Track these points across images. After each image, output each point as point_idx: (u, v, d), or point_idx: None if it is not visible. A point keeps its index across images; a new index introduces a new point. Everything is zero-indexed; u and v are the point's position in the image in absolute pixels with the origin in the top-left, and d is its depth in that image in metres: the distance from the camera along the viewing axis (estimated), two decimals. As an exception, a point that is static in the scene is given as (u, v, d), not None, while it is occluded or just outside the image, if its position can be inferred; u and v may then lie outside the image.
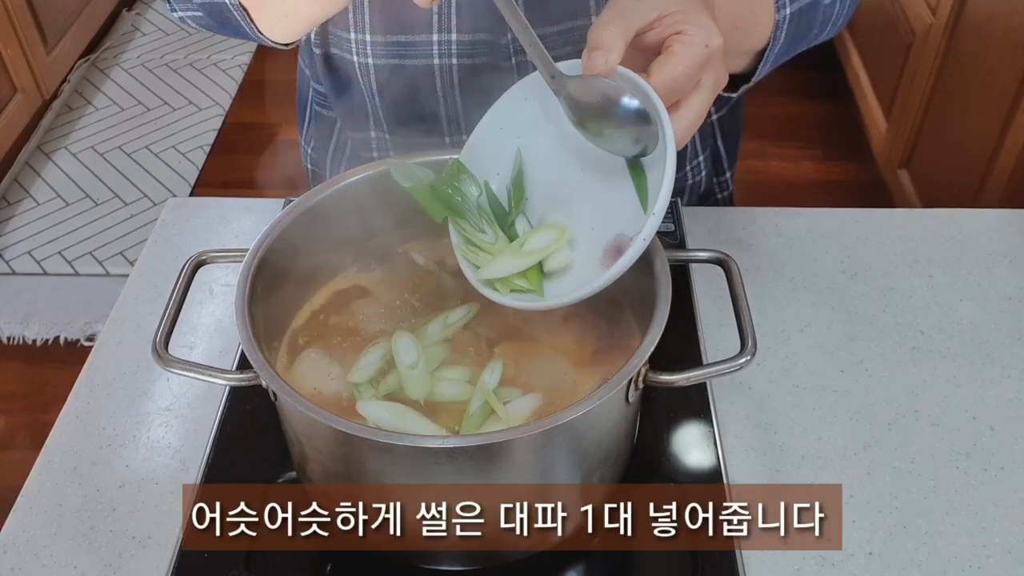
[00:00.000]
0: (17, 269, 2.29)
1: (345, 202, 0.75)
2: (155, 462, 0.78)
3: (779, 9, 0.79)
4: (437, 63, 0.89)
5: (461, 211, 0.70)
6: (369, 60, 0.90)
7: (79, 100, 2.81)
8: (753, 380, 0.83)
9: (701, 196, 1.08)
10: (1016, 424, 0.80)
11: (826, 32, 0.87)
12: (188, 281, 0.70)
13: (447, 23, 0.87)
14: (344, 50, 0.91)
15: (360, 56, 0.90)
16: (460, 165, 0.70)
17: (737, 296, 0.69)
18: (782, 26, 0.80)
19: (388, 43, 0.89)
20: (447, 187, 0.70)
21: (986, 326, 0.88)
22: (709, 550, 0.71)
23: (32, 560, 0.71)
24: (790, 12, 0.80)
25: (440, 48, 0.88)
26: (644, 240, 0.60)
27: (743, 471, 0.76)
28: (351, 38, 0.89)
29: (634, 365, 0.60)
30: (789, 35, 0.81)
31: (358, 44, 0.89)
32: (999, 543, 0.72)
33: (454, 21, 0.87)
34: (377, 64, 0.90)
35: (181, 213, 1.02)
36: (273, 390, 0.61)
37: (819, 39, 0.87)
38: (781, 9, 0.79)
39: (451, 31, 0.87)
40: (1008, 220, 1.00)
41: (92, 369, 0.86)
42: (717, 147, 1.07)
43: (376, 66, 0.90)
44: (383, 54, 0.89)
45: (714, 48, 0.63)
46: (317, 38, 0.94)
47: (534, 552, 0.68)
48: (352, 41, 0.89)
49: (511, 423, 0.66)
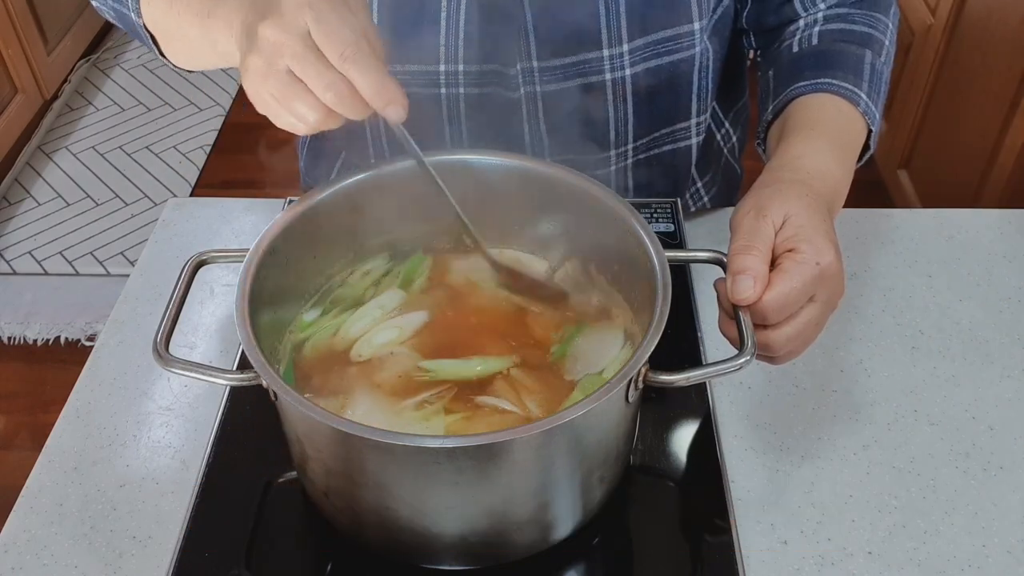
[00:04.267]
0: (18, 269, 2.29)
1: (345, 202, 0.75)
2: (155, 462, 0.78)
3: (870, 123, 0.82)
4: (444, 92, 0.89)
5: None
6: None
7: (80, 100, 2.82)
8: (753, 380, 0.83)
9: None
10: (1015, 424, 0.80)
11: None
12: (188, 281, 0.70)
13: (454, 54, 0.86)
14: None
15: None
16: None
17: (737, 296, 0.69)
18: (875, 135, 0.83)
19: (396, 72, 0.88)
20: None
21: (985, 326, 0.89)
22: (709, 550, 0.71)
23: (32, 560, 0.71)
24: (878, 115, 0.84)
25: (447, 78, 0.88)
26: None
27: (743, 471, 0.77)
28: None
29: (634, 365, 0.60)
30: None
31: None
32: (998, 543, 0.72)
33: (461, 52, 0.86)
34: None
35: (182, 213, 1.03)
36: (273, 390, 0.61)
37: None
38: (871, 124, 0.82)
39: (458, 61, 0.87)
40: (1008, 220, 1.00)
41: (93, 369, 0.86)
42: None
43: None
44: None
45: (825, 264, 0.65)
46: None
47: (534, 552, 0.68)
48: None
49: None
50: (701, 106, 0.94)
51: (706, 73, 0.92)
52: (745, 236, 0.67)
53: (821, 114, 0.81)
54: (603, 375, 0.70)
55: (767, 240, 0.66)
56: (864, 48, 0.86)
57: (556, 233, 0.78)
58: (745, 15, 0.94)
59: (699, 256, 0.73)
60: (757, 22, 0.94)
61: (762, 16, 0.93)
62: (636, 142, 0.95)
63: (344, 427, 0.58)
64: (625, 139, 0.94)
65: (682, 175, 1.01)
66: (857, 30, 0.87)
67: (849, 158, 0.79)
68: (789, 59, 0.88)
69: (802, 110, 0.81)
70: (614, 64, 0.87)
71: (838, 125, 0.80)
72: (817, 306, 0.67)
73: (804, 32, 0.89)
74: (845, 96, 0.81)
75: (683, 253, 0.75)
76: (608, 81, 0.88)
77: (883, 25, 0.89)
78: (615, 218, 0.72)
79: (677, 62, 0.89)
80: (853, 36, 0.87)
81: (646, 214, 0.96)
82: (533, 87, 0.89)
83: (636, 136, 0.94)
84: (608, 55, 0.87)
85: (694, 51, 0.89)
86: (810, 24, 0.90)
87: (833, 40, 0.87)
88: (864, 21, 0.88)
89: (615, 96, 0.90)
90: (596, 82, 0.88)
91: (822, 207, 0.70)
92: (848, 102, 0.81)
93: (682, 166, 1.00)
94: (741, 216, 0.69)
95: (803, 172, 0.73)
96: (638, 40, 0.87)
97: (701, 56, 0.90)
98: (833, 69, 0.83)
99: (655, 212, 0.96)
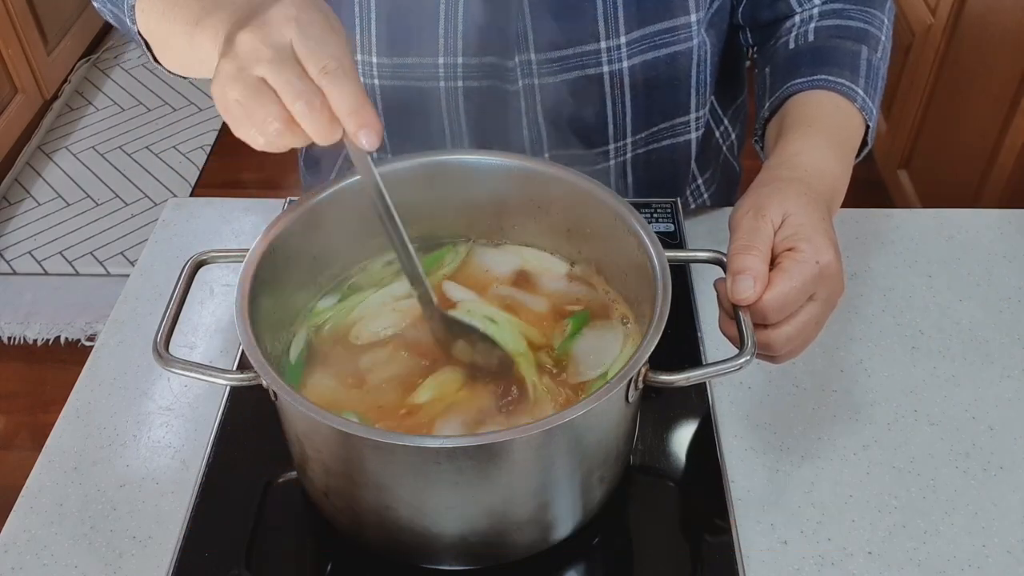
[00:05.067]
0: (18, 269, 2.29)
1: (345, 202, 0.75)
2: (155, 462, 0.78)
3: (867, 119, 0.82)
4: (443, 85, 0.89)
5: None
6: (375, 81, 0.90)
7: (80, 100, 2.82)
8: (753, 380, 0.83)
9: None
10: (1015, 424, 0.80)
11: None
12: (188, 281, 0.70)
13: (453, 46, 0.87)
14: None
15: (365, 78, 0.90)
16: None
17: (737, 296, 0.69)
18: (872, 130, 0.84)
19: (394, 65, 0.88)
20: None
21: (985, 326, 0.89)
22: (709, 550, 0.71)
23: (32, 560, 0.71)
24: (875, 111, 0.83)
25: (446, 71, 0.88)
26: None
27: (743, 471, 0.77)
28: (357, 60, 0.89)
29: (634, 365, 0.60)
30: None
31: (364, 66, 0.89)
32: (998, 543, 0.72)
33: (460, 44, 0.87)
34: (383, 85, 0.90)
35: (182, 213, 1.03)
36: (273, 390, 0.61)
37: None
38: (868, 119, 0.82)
39: (457, 54, 0.87)
40: (1008, 220, 1.00)
41: (93, 369, 0.86)
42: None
43: (381, 87, 0.90)
44: (388, 75, 0.89)
45: (825, 263, 0.66)
46: None
47: (534, 552, 0.68)
48: (359, 64, 0.89)
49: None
50: (700, 100, 0.95)
51: (704, 67, 0.92)
52: (744, 236, 0.67)
53: (818, 111, 0.81)
54: (606, 376, 0.70)
55: (766, 239, 0.66)
56: (860, 44, 0.86)
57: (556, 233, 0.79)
58: (740, 10, 0.94)
59: (699, 256, 0.73)
60: (752, 17, 0.94)
61: (756, 11, 0.94)
62: (635, 136, 0.95)
63: (344, 427, 0.58)
64: (624, 133, 0.94)
65: (681, 171, 1.01)
66: (853, 26, 0.87)
67: (847, 154, 0.79)
68: (785, 56, 0.88)
69: (799, 107, 0.81)
70: (611, 56, 0.88)
71: (835, 121, 0.80)
72: (817, 304, 0.67)
73: (800, 29, 0.89)
74: (842, 92, 0.81)
75: (683, 253, 0.75)
76: (606, 74, 0.89)
77: (879, 20, 0.89)
78: (615, 218, 0.72)
79: (675, 55, 0.89)
80: (849, 32, 0.87)
81: (646, 214, 0.96)
82: (531, 80, 0.89)
83: (635, 130, 0.94)
84: (606, 47, 0.87)
85: (691, 44, 0.89)
86: (806, 20, 0.90)
87: (829, 36, 0.87)
88: (860, 17, 0.88)
89: (613, 89, 0.90)
90: (594, 75, 0.89)
91: (821, 205, 0.70)
92: (845, 98, 0.81)
93: (681, 162, 1.00)
94: (740, 216, 0.69)
95: (801, 170, 0.73)
96: (635, 32, 0.87)
97: (699, 49, 0.90)
98: (829, 65, 0.83)
99: (655, 212, 0.97)
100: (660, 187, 1.01)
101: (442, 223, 0.80)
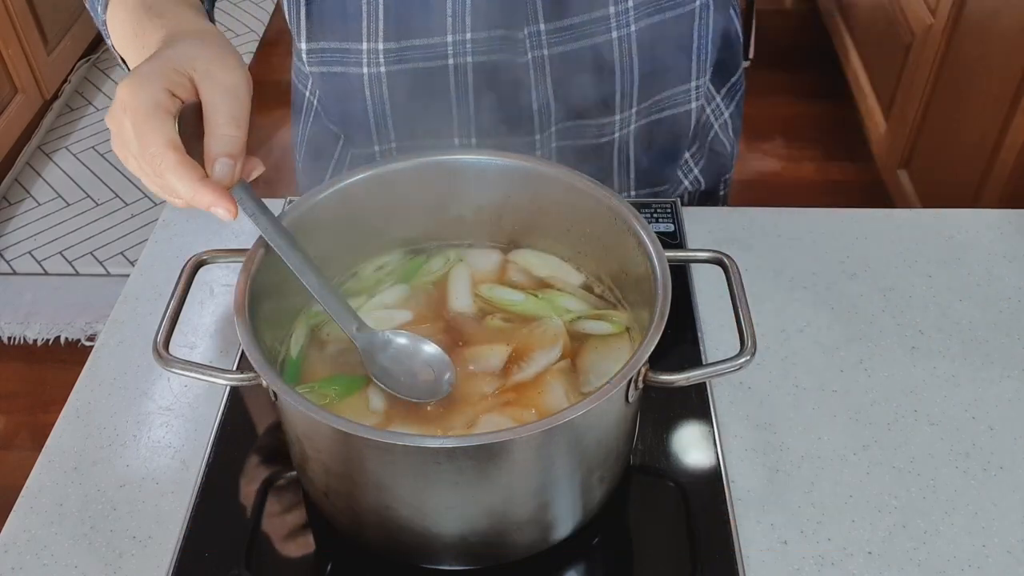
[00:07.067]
0: (18, 269, 2.29)
1: (345, 202, 0.75)
2: (155, 462, 0.78)
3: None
4: (452, 63, 0.89)
5: None
6: (381, 69, 0.90)
7: (80, 100, 2.82)
8: (753, 380, 0.83)
9: (702, 196, 1.09)
10: (1015, 424, 0.80)
11: None
12: (188, 281, 0.70)
13: (461, 23, 0.87)
14: (351, 65, 0.91)
15: (371, 67, 0.90)
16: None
17: (736, 296, 0.69)
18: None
19: (402, 48, 0.89)
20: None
21: (985, 326, 0.89)
22: (709, 550, 0.71)
23: (32, 560, 0.72)
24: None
25: (455, 48, 0.88)
26: None
27: (743, 471, 0.77)
28: (363, 48, 0.89)
29: (634, 365, 0.60)
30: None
31: (370, 54, 0.89)
32: (998, 543, 0.72)
33: (468, 20, 0.87)
34: (390, 71, 0.90)
35: (181, 213, 1.03)
36: (273, 390, 0.61)
37: None
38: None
39: (466, 30, 0.87)
40: (1008, 220, 1.00)
41: (93, 369, 0.86)
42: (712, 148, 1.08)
43: (388, 73, 0.90)
44: (395, 60, 0.89)
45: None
46: (314, 64, 0.94)
47: (534, 552, 0.68)
48: (364, 52, 0.89)
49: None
50: (700, 67, 0.96)
51: (705, 31, 0.94)
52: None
53: None
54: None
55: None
56: None
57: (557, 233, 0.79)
58: None
59: (699, 256, 0.73)
60: None
61: None
62: (640, 104, 0.96)
63: (344, 427, 0.57)
64: (631, 101, 0.95)
65: (680, 144, 1.03)
66: None
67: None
68: None
69: None
70: (620, 21, 0.89)
71: None
72: None
73: None
74: None
75: (683, 253, 0.75)
76: (615, 39, 0.89)
77: None
78: (615, 218, 0.72)
79: (679, 16, 0.91)
80: None
81: (646, 214, 0.96)
82: (541, 51, 0.89)
83: (640, 98, 0.95)
84: (614, 11, 0.88)
85: (694, 5, 0.91)
86: None
87: None
88: None
89: (621, 55, 0.91)
90: (603, 42, 0.89)
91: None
92: None
93: (681, 133, 1.01)
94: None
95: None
96: None
97: (701, 10, 0.92)
98: None
99: (655, 212, 0.97)
100: (660, 159, 1.02)
101: (441, 223, 0.80)
